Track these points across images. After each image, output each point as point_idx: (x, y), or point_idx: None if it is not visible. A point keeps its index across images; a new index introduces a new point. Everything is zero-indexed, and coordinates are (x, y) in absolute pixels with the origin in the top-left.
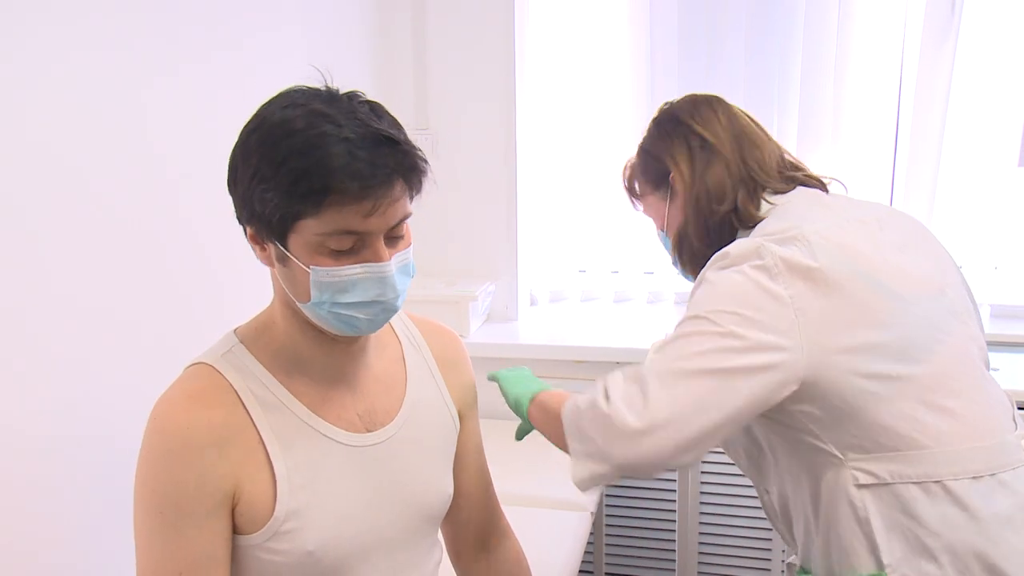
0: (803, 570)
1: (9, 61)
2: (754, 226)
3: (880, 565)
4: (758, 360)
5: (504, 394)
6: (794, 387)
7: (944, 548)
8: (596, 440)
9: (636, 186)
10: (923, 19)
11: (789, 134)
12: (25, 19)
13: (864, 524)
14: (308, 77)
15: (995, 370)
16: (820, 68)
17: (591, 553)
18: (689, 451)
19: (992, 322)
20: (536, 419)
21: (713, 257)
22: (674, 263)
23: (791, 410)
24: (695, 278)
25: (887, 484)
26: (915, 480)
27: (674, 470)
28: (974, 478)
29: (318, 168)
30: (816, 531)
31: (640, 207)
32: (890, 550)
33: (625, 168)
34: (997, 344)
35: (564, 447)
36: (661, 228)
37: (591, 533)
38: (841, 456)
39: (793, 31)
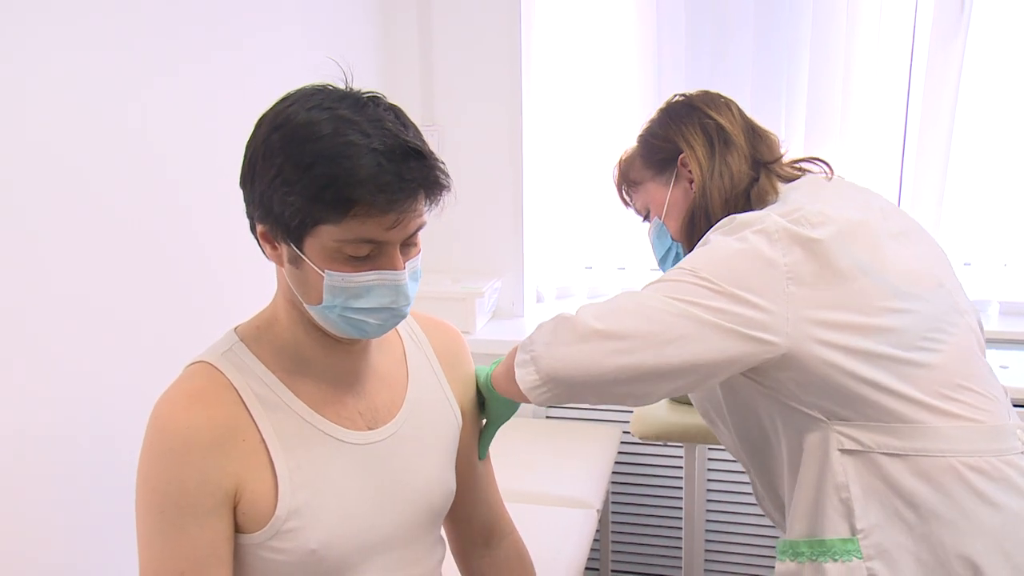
0: (783, 541)
1: (9, 61)
2: (762, 208)
3: (853, 531)
4: (737, 319)
5: (476, 377)
6: (772, 355)
7: (920, 521)
8: (539, 344)
9: (632, 174)
10: (932, 14)
11: (797, 129)
12: (25, 19)
13: (842, 489)
14: (310, 76)
15: (1004, 367)
16: (828, 64)
17: (597, 550)
18: (631, 382)
19: (1000, 319)
20: (499, 377)
21: (719, 222)
22: (661, 260)
23: (776, 376)
24: None
25: (870, 452)
26: (900, 452)
27: (595, 405)
28: (962, 458)
29: (346, 178)
30: (793, 494)
31: (632, 200)
32: (865, 515)
33: (619, 162)
34: (1005, 341)
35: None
36: (658, 215)
37: (597, 530)
38: (826, 420)
39: (801, 27)
